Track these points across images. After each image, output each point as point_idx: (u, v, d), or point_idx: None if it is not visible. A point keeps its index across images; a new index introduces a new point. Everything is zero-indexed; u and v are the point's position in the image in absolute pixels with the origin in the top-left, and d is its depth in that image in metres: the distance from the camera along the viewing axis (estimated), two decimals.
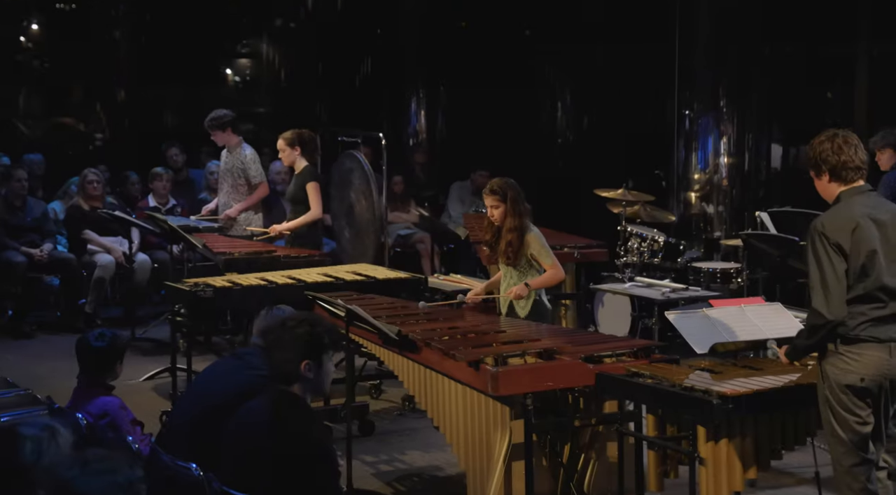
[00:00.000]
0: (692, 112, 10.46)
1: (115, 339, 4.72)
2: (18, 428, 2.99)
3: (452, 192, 12.14)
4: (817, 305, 4.37)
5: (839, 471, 4.43)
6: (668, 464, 4.85)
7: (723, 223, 10.47)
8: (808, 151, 4.57)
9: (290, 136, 8.59)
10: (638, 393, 4.76)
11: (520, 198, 6.39)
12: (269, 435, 3.67)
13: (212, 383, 4.49)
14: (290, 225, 8.50)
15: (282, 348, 3.87)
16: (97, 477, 2.63)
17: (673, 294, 6.99)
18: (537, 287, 6.35)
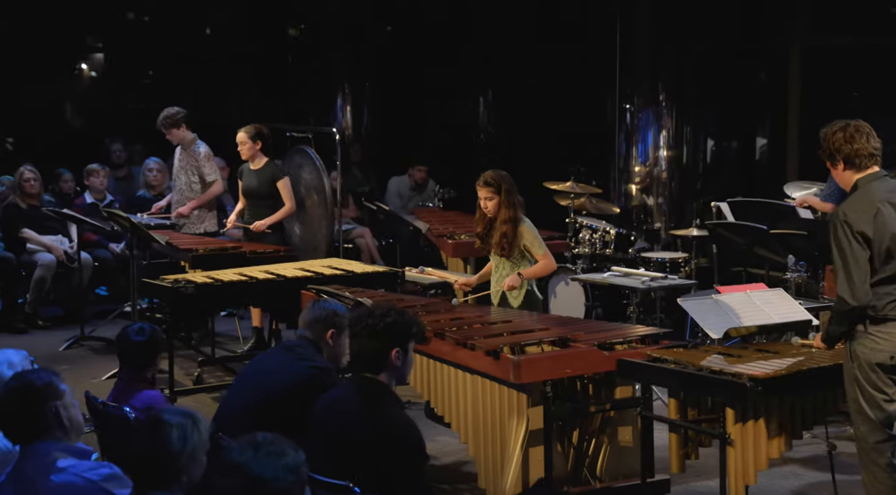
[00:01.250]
0: (633, 106, 10.69)
1: (154, 333, 4.70)
2: (164, 417, 3.02)
3: (391, 187, 12.20)
4: (842, 292, 4.58)
5: (865, 448, 4.62)
6: (689, 447, 5.01)
7: (662, 214, 10.73)
8: (822, 143, 4.74)
9: (252, 131, 8.57)
10: (663, 378, 4.91)
11: (513, 189, 6.49)
12: (361, 422, 3.72)
13: (266, 375, 4.51)
14: (269, 220, 8.47)
15: (372, 337, 3.91)
16: (269, 459, 2.78)
17: (653, 282, 7.16)
18: (530, 277, 6.46)
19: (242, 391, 4.47)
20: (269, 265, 7.53)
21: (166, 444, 3.10)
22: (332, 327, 4.64)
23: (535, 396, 5.14)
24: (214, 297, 7.01)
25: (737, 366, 4.73)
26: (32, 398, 3.46)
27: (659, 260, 9.08)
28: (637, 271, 7.56)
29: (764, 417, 4.68)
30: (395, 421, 3.82)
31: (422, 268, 7.25)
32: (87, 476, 3.36)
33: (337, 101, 14.49)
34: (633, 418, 5.44)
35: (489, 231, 6.55)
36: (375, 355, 3.92)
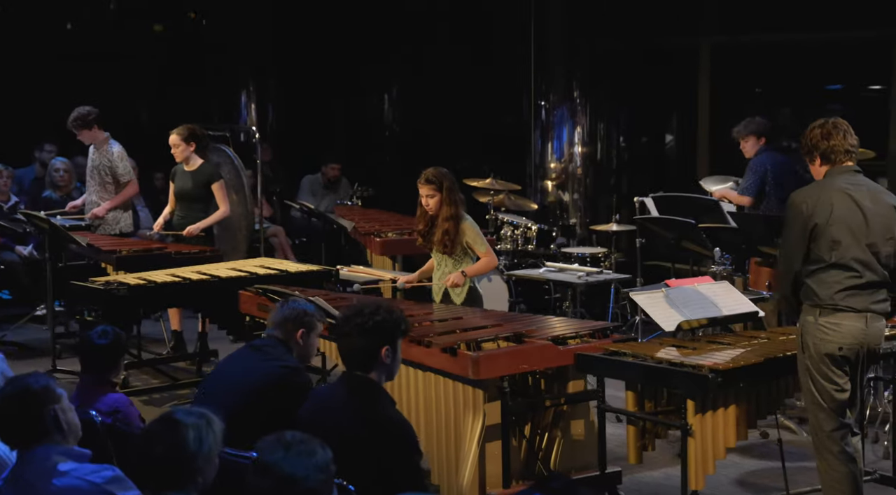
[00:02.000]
0: (548, 103, 10.79)
1: (118, 336, 4.61)
2: (179, 417, 3.06)
3: (303, 186, 12.12)
4: (779, 256, 4.87)
5: (819, 437, 4.75)
6: (646, 439, 5.09)
7: (577, 210, 10.86)
8: (802, 140, 4.88)
9: (185, 132, 8.41)
10: (622, 371, 4.97)
11: (455, 187, 6.49)
12: (355, 421, 3.70)
13: (236, 377, 4.44)
14: (203, 224, 8.33)
15: (362, 335, 3.89)
16: (300, 458, 2.82)
17: (589, 277, 7.24)
18: (473, 274, 6.47)
19: (212, 394, 4.40)
20: (197, 265, 7.40)
21: (183, 445, 3.09)
22: (303, 326, 4.60)
23: (492, 392, 5.16)
24: (147, 299, 6.87)
25: (695, 357, 4.83)
26: (31, 402, 3.38)
27: (579, 255, 9.19)
28: (572, 266, 7.64)
29: (723, 407, 4.78)
30: (388, 418, 3.81)
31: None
32: (91, 479, 3.29)
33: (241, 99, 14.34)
34: (585, 411, 5.51)
35: (431, 228, 6.55)
36: (366, 353, 3.90)
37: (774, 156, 8.53)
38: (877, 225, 4.69)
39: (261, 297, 6.50)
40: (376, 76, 13.55)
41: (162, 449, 3.09)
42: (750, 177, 8.38)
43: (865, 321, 4.67)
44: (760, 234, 6.89)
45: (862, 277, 4.66)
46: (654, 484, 5.84)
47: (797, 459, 5.99)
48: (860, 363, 4.72)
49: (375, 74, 13.52)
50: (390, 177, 12.50)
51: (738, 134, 8.62)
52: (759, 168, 8.38)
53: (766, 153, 8.43)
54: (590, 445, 5.46)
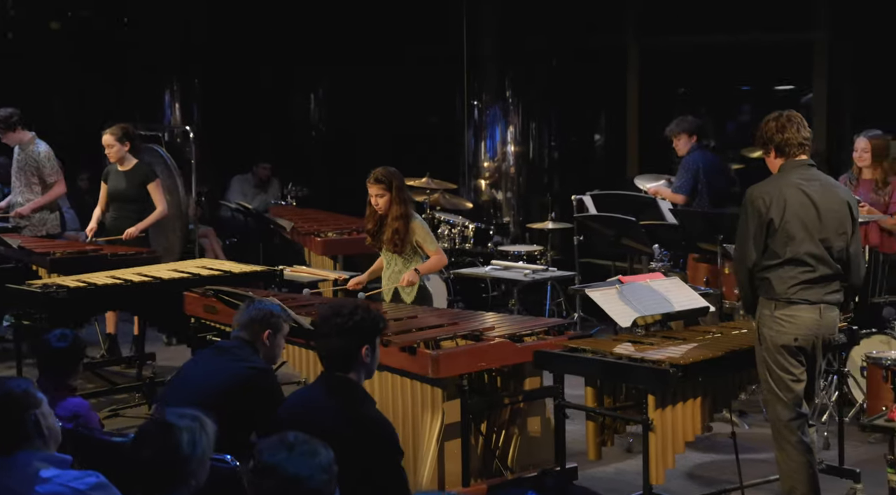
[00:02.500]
0: (480, 103, 10.83)
1: (76, 339, 4.51)
2: (172, 420, 3.05)
3: (233, 186, 12.01)
4: (734, 255, 4.96)
5: (777, 427, 4.84)
6: (605, 434, 5.13)
7: (511, 209, 10.91)
8: (757, 132, 4.95)
9: (118, 131, 8.27)
10: (582, 367, 5.01)
11: (404, 186, 6.49)
12: (336, 421, 3.68)
13: (203, 378, 4.39)
14: (142, 225, 8.19)
15: (342, 336, 3.86)
16: (303, 459, 2.82)
17: (536, 275, 7.28)
18: (426, 272, 6.48)
19: (179, 397, 4.33)
20: (136, 268, 7.28)
21: (177, 448, 3.05)
22: (269, 327, 4.56)
23: (451, 390, 5.17)
24: (87, 302, 6.74)
25: (653, 352, 4.88)
26: (12, 406, 3.29)
27: (515, 253, 9.23)
28: (517, 264, 7.68)
29: (682, 401, 4.84)
30: (370, 418, 3.80)
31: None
32: (75, 485, 3.22)
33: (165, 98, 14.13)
34: (541, 408, 5.54)
35: (380, 228, 6.54)
36: (346, 354, 3.88)
37: (706, 155, 8.69)
38: (829, 219, 4.79)
39: (208, 299, 6.42)
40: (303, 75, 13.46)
41: (155, 453, 3.05)
42: (683, 176, 8.51)
43: (819, 312, 4.76)
44: (700, 231, 6.99)
45: (815, 271, 4.75)
46: (606, 480, 5.88)
47: (742, 451, 6.07)
48: (815, 354, 4.81)
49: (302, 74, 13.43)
50: (319, 177, 12.42)
51: (671, 132, 8.74)
52: (692, 166, 8.52)
53: (697, 151, 8.58)
54: (546, 442, 5.49)
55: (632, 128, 10.95)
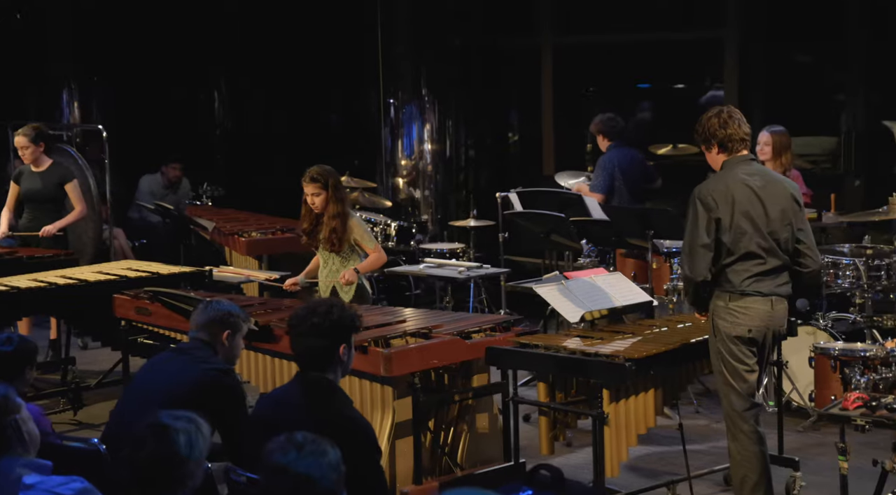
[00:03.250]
0: (396, 101, 10.80)
1: (22, 343, 4.35)
2: (168, 422, 3.03)
3: (142, 186, 11.77)
4: (682, 265, 4.92)
5: (732, 417, 4.90)
6: (558, 429, 5.16)
7: (429, 206, 10.91)
8: (698, 127, 4.98)
9: (32, 132, 8.06)
10: (535, 362, 5.03)
11: (340, 184, 6.44)
12: (313, 421, 3.61)
13: (164, 380, 4.29)
14: (60, 223, 7.99)
15: (318, 335, 3.81)
16: (313, 458, 2.83)
17: (471, 272, 7.29)
18: (365, 271, 6.44)
19: (140, 399, 4.23)
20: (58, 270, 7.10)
21: (175, 450, 3.01)
22: (229, 328, 4.47)
23: (401, 388, 5.15)
24: (12, 306, 6.54)
25: (604, 347, 4.92)
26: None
27: (438, 251, 9.23)
28: (450, 262, 7.68)
29: (634, 395, 4.89)
30: (349, 417, 3.76)
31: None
32: (60, 491, 3.14)
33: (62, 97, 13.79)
34: (489, 405, 5.54)
35: (316, 227, 6.48)
36: (324, 353, 3.85)
37: (622, 151, 8.71)
38: (775, 212, 4.86)
39: (140, 301, 6.29)
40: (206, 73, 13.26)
41: (153, 455, 3.00)
42: (599, 175, 8.60)
43: (771, 304, 4.85)
44: (631, 227, 7.07)
45: (766, 263, 4.83)
46: None
47: (676, 443, 6.15)
48: (765, 345, 4.90)
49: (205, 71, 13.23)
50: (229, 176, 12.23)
51: (593, 130, 8.84)
52: (608, 164, 8.60)
53: (614, 149, 8.64)
54: (494, 438, 5.50)
55: (547, 126, 11.02)
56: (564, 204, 8.07)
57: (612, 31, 10.63)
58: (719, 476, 5.65)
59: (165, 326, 6.15)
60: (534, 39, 10.95)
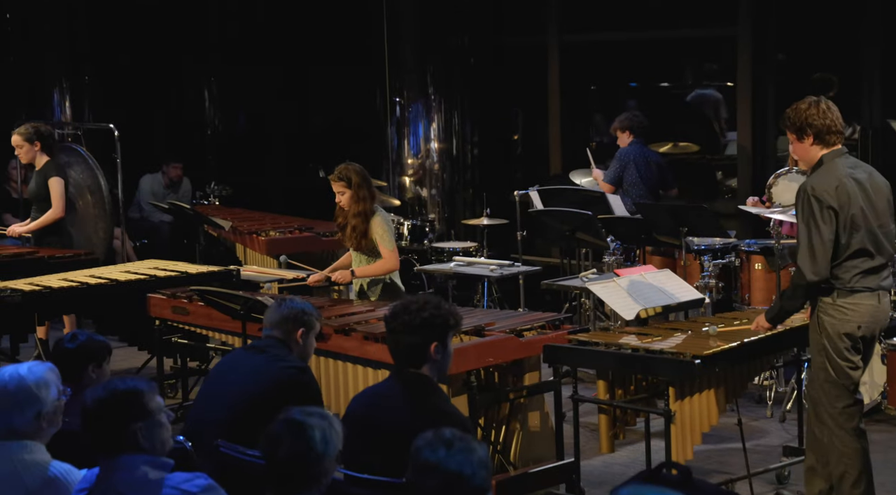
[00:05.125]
0: (402, 99, 10.72)
1: (89, 341, 4.26)
2: (302, 419, 3.01)
3: (143, 186, 11.64)
4: (801, 264, 4.71)
5: (831, 414, 4.77)
6: (618, 427, 5.11)
7: (436, 205, 10.84)
8: (791, 115, 4.83)
9: (28, 131, 7.92)
10: (596, 360, 4.97)
11: (364, 182, 6.41)
12: (412, 418, 3.58)
13: (240, 378, 4.25)
14: (31, 226, 7.85)
15: (410, 332, 3.78)
16: (463, 455, 2.78)
17: (503, 270, 7.23)
18: (363, 275, 6.42)
19: (219, 396, 4.17)
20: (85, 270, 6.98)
21: (311, 447, 2.99)
22: (303, 326, 4.42)
23: (457, 386, 5.07)
24: (43, 306, 6.43)
25: (662, 343, 4.87)
26: (117, 408, 3.13)
27: (450, 250, 9.17)
28: (479, 260, 7.62)
29: (698, 392, 4.85)
30: (446, 414, 3.71)
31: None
32: (186, 488, 3.08)
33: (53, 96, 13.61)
34: (540, 403, 5.49)
35: (346, 224, 6.44)
36: (415, 350, 3.80)
37: (641, 148, 8.79)
38: (881, 204, 4.76)
39: (177, 300, 6.20)
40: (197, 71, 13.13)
41: (290, 452, 2.98)
42: (612, 166, 8.64)
43: (878, 298, 4.74)
44: (665, 224, 7.03)
45: (874, 259, 4.72)
46: (596, 473, 5.86)
47: (716, 441, 6.11)
48: (872, 341, 4.82)
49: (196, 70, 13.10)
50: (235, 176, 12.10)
51: (614, 128, 8.84)
52: (623, 158, 8.63)
53: (633, 146, 8.71)
54: (546, 437, 5.45)
55: (553, 124, 10.97)
56: (586, 202, 8.05)
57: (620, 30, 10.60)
58: (772, 474, 5.63)
59: (204, 326, 6.07)
60: (541, 38, 10.90)
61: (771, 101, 9.65)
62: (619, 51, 10.80)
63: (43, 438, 3.44)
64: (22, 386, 3.40)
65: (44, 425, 3.42)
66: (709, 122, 10.73)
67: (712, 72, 10.73)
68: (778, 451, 6.07)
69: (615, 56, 10.88)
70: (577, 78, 11.01)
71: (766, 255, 7.06)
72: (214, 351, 6.70)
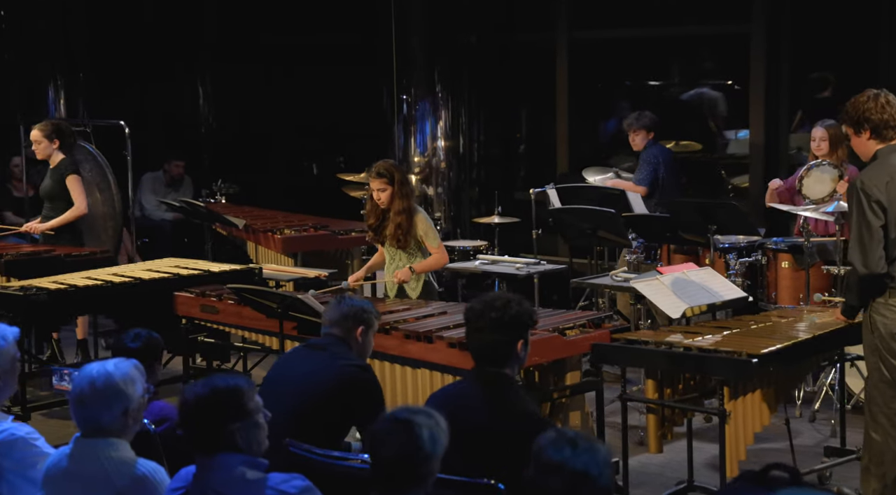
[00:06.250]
0: (409, 97, 10.63)
1: (149, 339, 4.19)
2: (409, 417, 2.96)
3: (144, 184, 11.49)
4: (853, 260, 4.66)
5: (886, 414, 4.71)
6: (666, 427, 5.04)
7: (442, 204, 10.76)
8: (849, 109, 4.76)
9: (48, 127, 7.84)
10: (646, 359, 4.90)
11: (406, 179, 6.32)
12: (496, 419, 3.51)
13: (306, 376, 4.18)
14: (54, 223, 7.74)
15: (498, 330, 3.69)
16: (588, 455, 2.72)
17: (531, 268, 7.16)
18: (422, 271, 6.32)
19: (281, 394, 4.08)
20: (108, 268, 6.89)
21: (420, 446, 2.93)
22: (362, 324, 4.35)
23: None
24: (69, 305, 6.31)
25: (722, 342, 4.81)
26: (218, 407, 3.06)
27: (461, 248, 9.08)
28: (503, 258, 7.55)
29: (751, 392, 4.79)
30: (529, 414, 3.63)
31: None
32: (283, 488, 3.02)
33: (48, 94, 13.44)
34: (581, 403, 5.42)
35: (382, 223, 6.35)
36: (502, 348, 3.71)
37: (663, 149, 8.80)
38: None
39: (206, 299, 6.10)
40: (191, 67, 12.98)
41: (397, 451, 2.92)
42: (645, 169, 8.59)
43: None
44: (693, 222, 6.96)
45: None
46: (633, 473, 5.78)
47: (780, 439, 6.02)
48: None
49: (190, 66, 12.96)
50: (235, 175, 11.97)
51: (630, 126, 8.78)
52: (653, 160, 8.60)
53: (656, 146, 8.70)
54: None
55: (561, 122, 10.90)
56: (604, 200, 7.98)
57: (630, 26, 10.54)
58: (814, 475, 5.57)
59: (235, 324, 5.97)
60: (549, 35, 10.82)
61: (784, 99, 9.62)
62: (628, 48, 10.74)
63: (128, 436, 3.37)
64: (110, 383, 3.34)
65: (130, 422, 3.35)
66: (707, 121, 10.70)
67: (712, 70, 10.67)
68: (813, 452, 6.02)
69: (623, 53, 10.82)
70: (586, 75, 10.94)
71: (794, 253, 7.01)
72: (242, 350, 6.60)
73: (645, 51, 10.66)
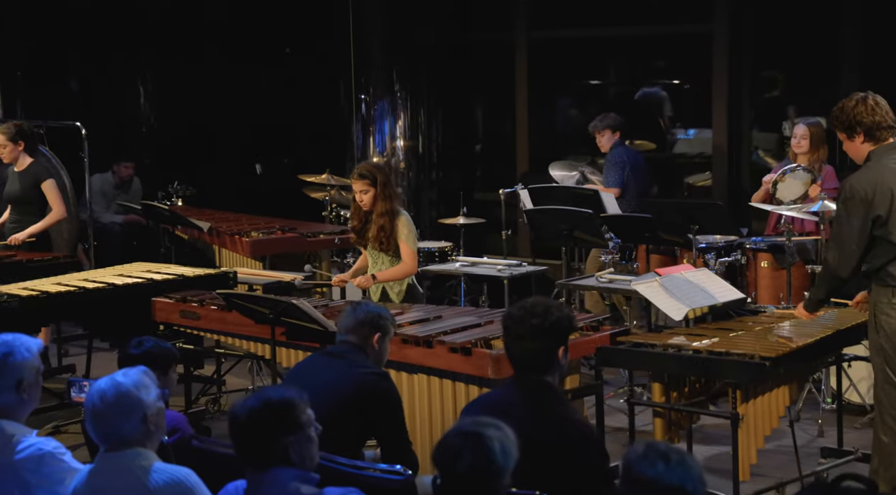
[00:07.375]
0: (368, 97, 10.48)
1: (155, 347, 4.00)
2: (480, 430, 2.88)
3: (93, 186, 11.14)
4: (828, 258, 4.66)
5: (894, 416, 4.67)
6: (672, 430, 4.96)
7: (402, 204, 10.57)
8: (838, 114, 4.73)
9: (11, 130, 7.60)
10: (653, 362, 4.81)
11: (389, 181, 6.19)
12: (539, 428, 3.38)
13: (324, 384, 4.03)
14: (34, 229, 7.50)
15: (539, 337, 3.56)
16: (682, 469, 2.64)
17: (511, 270, 7.04)
18: (384, 280, 6.19)
19: None
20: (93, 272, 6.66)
21: (492, 459, 2.83)
22: (379, 330, 4.22)
23: None
24: (42, 312, 6.07)
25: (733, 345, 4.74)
26: (272, 421, 2.96)
27: (426, 249, 8.95)
28: (483, 260, 7.43)
29: (762, 395, 4.73)
30: (575, 423, 3.52)
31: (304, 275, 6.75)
32: None
33: None
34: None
35: (365, 225, 6.21)
36: (544, 355, 3.59)
37: (629, 150, 8.78)
38: None
39: (187, 304, 5.90)
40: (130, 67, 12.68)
41: (470, 465, 2.81)
42: (613, 171, 8.55)
43: None
44: (674, 222, 6.90)
45: None
46: None
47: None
48: None
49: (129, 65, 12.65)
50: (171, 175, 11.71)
51: (595, 128, 8.73)
52: (619, 161, 8.56)
53: (621, 147, 8.68)
54: None
55: (521, 122, 10.81)
56: (577, 200, 7.89)
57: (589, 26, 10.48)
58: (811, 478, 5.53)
59: (218, 330, 5.79)
60: (508, 35, 10.73)
61: (746, 98, 9.62)
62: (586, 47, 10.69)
63: (153, 444, 3.22)
64: (122, 392, 3.20)
65: (151, 428, 3.21)
66: (661, 120, 10.70)
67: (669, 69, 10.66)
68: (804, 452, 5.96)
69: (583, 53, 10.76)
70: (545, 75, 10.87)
71: (773, 253, 6.99)
72: (224, 357, 6.40)
73: (598, 50, 10.63)
